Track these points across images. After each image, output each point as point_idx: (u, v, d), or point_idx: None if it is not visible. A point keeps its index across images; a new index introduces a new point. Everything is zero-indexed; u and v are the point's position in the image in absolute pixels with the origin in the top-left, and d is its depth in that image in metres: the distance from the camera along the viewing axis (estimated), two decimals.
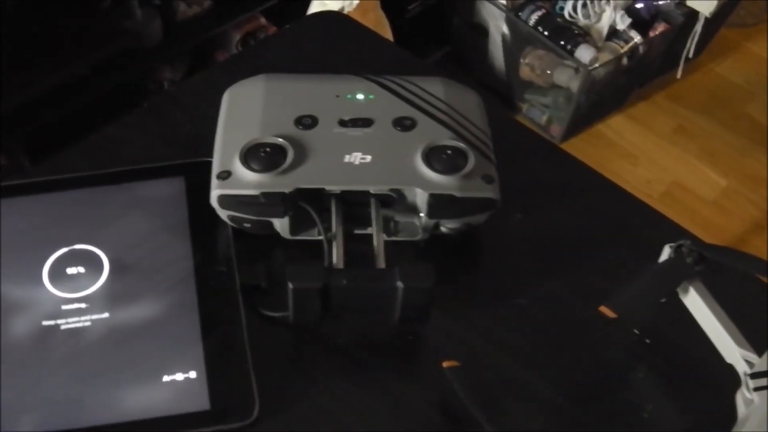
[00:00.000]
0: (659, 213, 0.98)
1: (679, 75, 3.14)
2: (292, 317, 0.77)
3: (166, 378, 0.77)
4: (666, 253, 0.83)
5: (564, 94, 2.86)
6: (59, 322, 0.80)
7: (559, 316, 0.87)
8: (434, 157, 0.84)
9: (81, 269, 0.83)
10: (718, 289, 0.81)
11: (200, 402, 0.76)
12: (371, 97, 0.91)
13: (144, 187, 0.91)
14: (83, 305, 0.81)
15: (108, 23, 2.10)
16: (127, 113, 1.01)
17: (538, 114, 3.00)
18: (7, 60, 1.85)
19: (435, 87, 0.93)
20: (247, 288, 0.84)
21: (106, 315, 0.81)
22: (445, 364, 0.76)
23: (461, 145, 0.85)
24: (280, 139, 0.84)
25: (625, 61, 2.86)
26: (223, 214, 0.84)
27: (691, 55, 3.08)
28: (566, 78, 2.80)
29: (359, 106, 0.90)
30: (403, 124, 0.87)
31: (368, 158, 0.84)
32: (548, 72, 2.84)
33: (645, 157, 3.00)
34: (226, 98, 0.92)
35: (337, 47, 1.11)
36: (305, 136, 0.85)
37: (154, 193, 0.90)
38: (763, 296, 0.88)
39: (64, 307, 0.81)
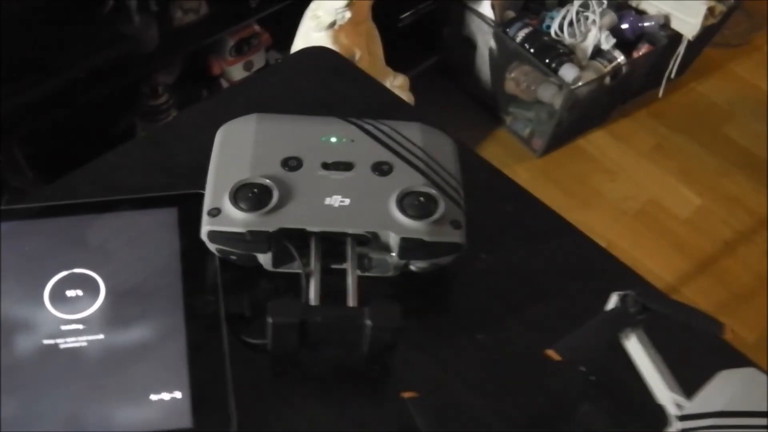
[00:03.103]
0: (615, 258, 1.05)
1: (660, 95, 3.21)
2: (270, 347, 0.85)
3: (153, 397, 0.84)
4: (613, 300, 0.90)
5: (547, 110, 2.92)
6: (58, 341, 0.86)
7: (515, 352, 0.93)
8: (408, 202, 0.91)
9: (79, 292, 0.90)
10: (663, 332, 0.89)
11: (183, 420, 0.83)
12: (353, 140, 0.97)
13: (140, 215, 0.97)
14: (81, 326, 0.88)
15: (107, 29, 2.15)
16: (127, 142, 1.08)
17: (522, 127, 3.06)
18: (6, 63, 1.90)
19: (413, 133, 0.99)
20: (231, 316, 0.90)
21: (101, 336, 0.87)
22: (405, 395, 0.83)
23: (433, 191, 0.92)
24: (267, 180, 0.91)
25: (608, 80, 2.92)
26: (212, 247, 0.91)
27: (673, 75, 3.14)
28: (550, 95, 2.86)
29: (341, 149, 0.96)
30: (381, 169, 0.94)
31: (347, 201, 0.90)
32: (532, 88, 2.90)
33: (624, 173, 3.06)
34: (219, 136, 0.99)
35: (326, 84, 1.17)
36: (290, 178, 0.92)
37: (149, 221, 0.97)
38: (703, 345, 0.96)
39: (63, 327, 0.87)
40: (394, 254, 0.92)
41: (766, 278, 2.83)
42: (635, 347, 0.89)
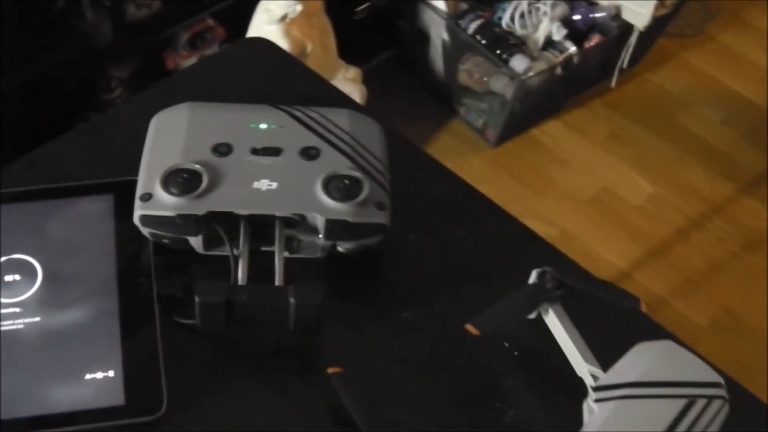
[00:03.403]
0: (539, 236, 1.08)
1: (613, 84, 3.24)
2: (200, 326, 0.88)
3: (88, 376, 0.87)
4: (533, 276, 0.94)
5: (499, 101, 2.96)
6: None
7: (440, 329, 0.96)
8: (333, 185, 0.94)
9: (17, 277, 0.93)
10: (584, 308, 0.93)
11: (117, 398, 0.86)
12: (282, 127, 1.00)
13: (77, 202, 1.00)
14: (18, 309, 0.90)
15: (61, 24, 2.16)
16: (69, 130, 1.10)
17: (475, 118, 3.10)
18: None
19: (341, 119, 1.02)
20: (164, 297, 0.93)
21: (38, 319, 0.90)
22: (329, 370, 0.86)
23: (357, 174, 0.95)
24: (197, 166, 0.93)
25: (559, 70, 2.95)
26: (145, 231, 0.94)
27: (625, 65, 3.18)
28: (501, 85, 2.90)
29: (271, 135, 0.99)
30: (309, 154, 0.97)
31: (274, 185, 0.93)
32: (485, 79, 2.94)
33: (577, 162, 3.09)
34: (152, 125, 1.01)
35: (262, 74, 1.20)
36: (220, 163, 0.95)
37: (86, 208, 0.99)
38: (617, 318, 0.99)
39: (1, 311, 0.90)
40: (321, 236, 0.95)
41: (718, 263, 2.87)
42: (553, 322, 0.92)
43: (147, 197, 0.92)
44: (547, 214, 2.86)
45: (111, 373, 0.87)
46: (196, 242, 0.95)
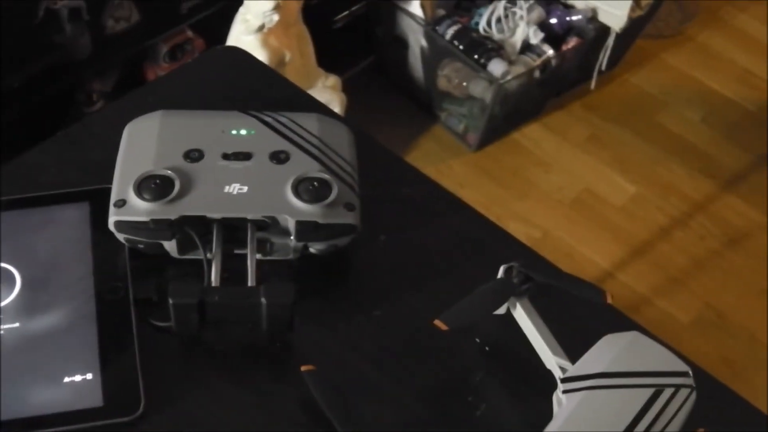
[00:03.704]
0: (508, 233, 1.09)
1: (592, 86, 3.26)
2: (174, 327, 0.90)
3: (66, 379, 0.89)
4: (501, 272, 0.96)
5: (479, 105, 2.98)
6: None
7: (412, 327, 0.98)
8: (302, 187, 0.96)
9: None
10: (551, 302, 0.96)
11: (94, 399, 0.88)
12: (253, 132, 1.02)
13: (54, 211, 1.02)
14: None
15: (39, 38, 2.18)
16: (44, 140, 1.12)
17: (456, 123, 3.12)
18: None
19: (310, 123, 1.04)
20: (139, 301, 0.95)
21: (16, 324, 0.92)
22: (303, 368, 0.88)
23: (326, 176, 0.97)
24: (169, 172, 0.95)
25: (537, 74, 2.98)
26: (120, 236, 0.96)
27: (603, 67, 3.20)
28: (480, 90, 2.92)
29: (241, 140, 1.01)
30: (279, 158, 0.99)
31: (245, 189, 0.95)
32: (464, 84, 2.96)
33: (558, 164, 3.11)
34: (125, 133, 1.03)
35: (235, 81, 1.22)
36: (192, 169, 0.97)
37: (62, 216, 1.01)
38: (585, 311, 1.01)
39: None
40: (292, 238, 0.96)
41: (700, 261, 2.89)
42: (521, 316, 0.94)
43: (121, 203, 0.94)
44: (530, 217, 2.88)
45: (89, 376, 0.89)
46: (170, 246, 0.97)
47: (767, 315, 2.73)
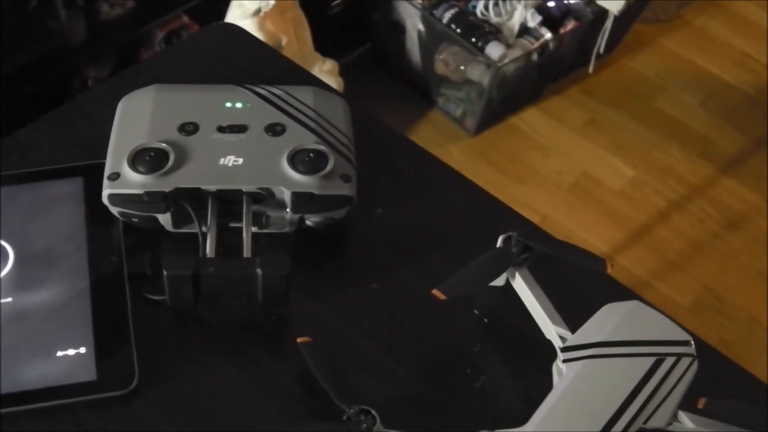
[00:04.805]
0: (505, 204, 1.09)
1: (590, 70, 3.25)
2: (169, 301, 0.89)
3: (60, 353, 0.88)
4: (499, 242, 0.95)
5: (476, 89, 2.97)
6: None
7: (408, 299, 0.97)
8: (298, 159, 0.95)
9: None
10: (551, 272, 0.94)
11: (88, 373, 0.87)
12: (248, 105, 1.01)
13: (48, 186, 1.01)
14: None
15: (34, 25, 2.17)
16: (38, 118, 1.11)
17: (453, 107, 3.11)
18: None
19: (305, 95, 1.03)
20: (134, 275, 0.95)
21: (9, 299, 0.91)
22: (299, 340, 0.87)
23: (322, 148, 0.96)
24: (164, 144, 0.94)
25: (535, 57, 2.97)
26: (114, 210, 0.95)
27: (602, 51, 3.19)
28: (478, 73, 2.91)
29: (236, 113, 1.00)
30: (274, 130, 0.98)
31: (240, 161, 0.94)
32: (461, 68, 2.95)
33: (557, 149, 3.11)
34: (119, 107, 1.02)
35: (229, 58, 1.20)
36: (187, 142, 0.96)
37: (56, 191, 1.01)
38: (585, 280, 1.00)
39: None
40: (288, 210, 0.96)
41: (699, 244, 2.89)
42: (521, 286, 0.93)
43: (115, 176, 0.93)
44: (528, 201, 2.88)
45: (83, 350, 0.88)
46: (165, 220, 0.96)
47: (767, 297, 2.72)
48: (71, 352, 0.88)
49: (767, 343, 2.61)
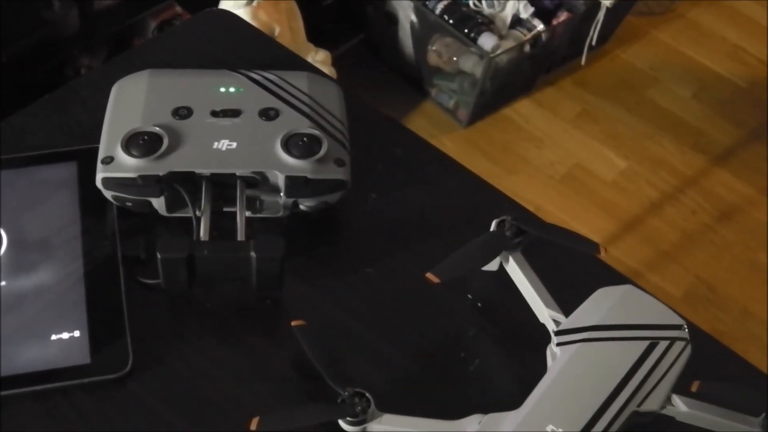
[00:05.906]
0: (498, 190, 1.09)
1: (583, 62, 3.24)
2: (163, 284, 0.89)
3: (54, 337, 0.88)
4: (493, 226, 0.95)
5: (469, 80, 2.96)
6: None
7: (402, 284, 0.98)
8: (292, 143, 0.95)
9: None
10: (544, 257, 0.94)
11: (82, 357, 0.87)
12: (242, 90, 1.01)
13: (41, 171, 1.01)
14: None
15: (27, 14, 2.17)
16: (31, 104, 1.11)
17: (446, 98, 3.10)
18: None
19: (300, 81, 1.03)
20: (128, 259, 0.95)
21: (3, 283, 0.91)
22: (293, 323, 0.87)
23: (316, 132, 0.96)
24: (157, 128, 0.94)
25: (527, 48, 2.96)
26: (108, 194, 0.95)
27: (594, 43, 3.18)
28: (471, 64, 2.90)
29: (230, 98, 1.00)
30: (268, 115, 0.98)
31: (234, 145, 0.95)
32: (454, 59, 2.94)
33: (549, 140, 3.10)
34: (113, 91, 1.02)
35: (223, 44, 1.20)
36: (181, 126, 0.96)
37: (50, 176, 1.01)
38: (581, 266, 1.01)
39: None
40: (282, 194, 0.96)
41: (691, 235, 2.89)
42: (514, 270, 0.93)
43: (109, 160, 0.93)
44: (521, 192, 2.88)
45: (77, 333, 0.89)
46: (159, 204, 0.96)
47: (758, 288, 2.72)
48: (65, 335, 0.88)
49: (759, 333, 2.62)
